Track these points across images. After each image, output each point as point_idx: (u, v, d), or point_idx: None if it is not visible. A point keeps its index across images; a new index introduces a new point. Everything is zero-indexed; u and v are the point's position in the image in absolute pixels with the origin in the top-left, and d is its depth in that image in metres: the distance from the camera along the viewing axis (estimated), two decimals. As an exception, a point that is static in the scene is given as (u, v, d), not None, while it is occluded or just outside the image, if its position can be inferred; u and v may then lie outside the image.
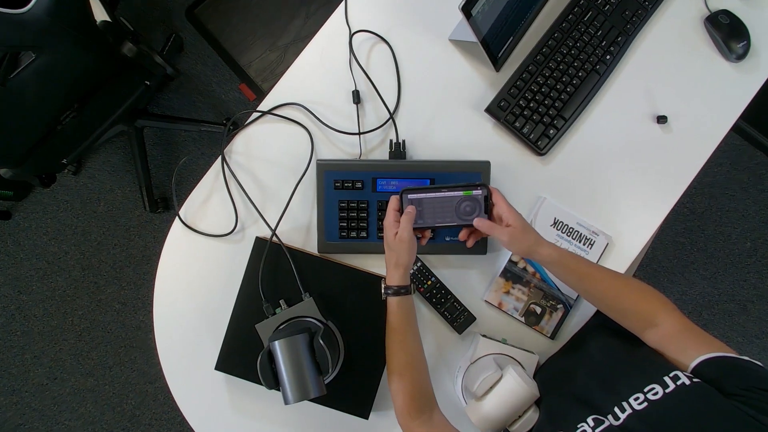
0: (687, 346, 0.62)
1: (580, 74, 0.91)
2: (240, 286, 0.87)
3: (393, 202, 0.78)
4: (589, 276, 0.73)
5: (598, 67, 0.91)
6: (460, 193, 0.78)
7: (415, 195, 0.78)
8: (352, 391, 0.86)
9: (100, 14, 1.18)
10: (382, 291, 0.77)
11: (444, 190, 0.78)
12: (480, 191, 0.78)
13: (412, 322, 0.76)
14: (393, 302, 0.75)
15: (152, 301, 0.90)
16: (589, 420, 0.61)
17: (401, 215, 0.77)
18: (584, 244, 0.90)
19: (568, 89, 0.90)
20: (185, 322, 0.90)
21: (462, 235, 0.81)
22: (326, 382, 0.81)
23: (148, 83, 1.27)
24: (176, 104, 1.72)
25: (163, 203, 1.71)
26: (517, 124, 0.90)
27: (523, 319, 0.89)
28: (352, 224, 0.88)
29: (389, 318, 0.76)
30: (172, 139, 1.73)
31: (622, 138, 0.92)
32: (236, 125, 0.93)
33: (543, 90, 0.90)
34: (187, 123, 1.65)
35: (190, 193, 0.92)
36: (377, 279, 0.87)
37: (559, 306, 0.89)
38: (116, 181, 1.72)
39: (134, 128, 1.61)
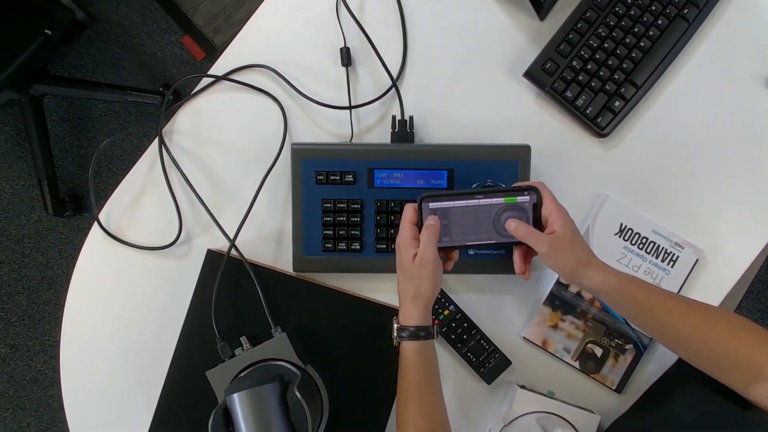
0: None
1: (659, 22, 0.96)
2: (185, 319, 0.93)
3: (408, 212, 0.82)
4: (664, 310, 0.77)
5: (686, 11, 0.96)
6: (501, 200, 0.83)
7: (439, 203, 0.83)
8: (340, 464, 0.91)
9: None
10: (394, 333, 0.81)
11: (478, 196, 0.83)
12: (527, 198, 0.83)
13: (434, 376, 0.81)
14: (410, 349, 0.79)
15: (58, 341, 0.95)
16: None
17: (420, 230, 0.81)
18: (663, 261, 0.95)
19: (642, 44, 0.95)
20: (106, 370, 0.96)
21: (517, 266, 0.84)
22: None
23: (49, 33, 1.28)
24: (90, 64, 1.76)
25: (74, 203, 1.75)
26: (568, 94, 0.95)
27: (577, 365, 0.95)
28: (341, 232, 0.93)
29: (404, 370, 0.80)
30: (86, 113, 1.77)
31: (720, 113, 0.98)
32: (178, 95, 0.99)
33: (605, 46, 0.95)
34: (108, 91, 1.69)
35: (113, 190, 0.97)
36: (377, 308, 0.94)
37: (628, 346, 0.95)
38: (2, 173, 1.74)
39: (29, 96, 1.63)
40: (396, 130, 0.95)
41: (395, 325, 0.81)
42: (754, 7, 0.98)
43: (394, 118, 0.95)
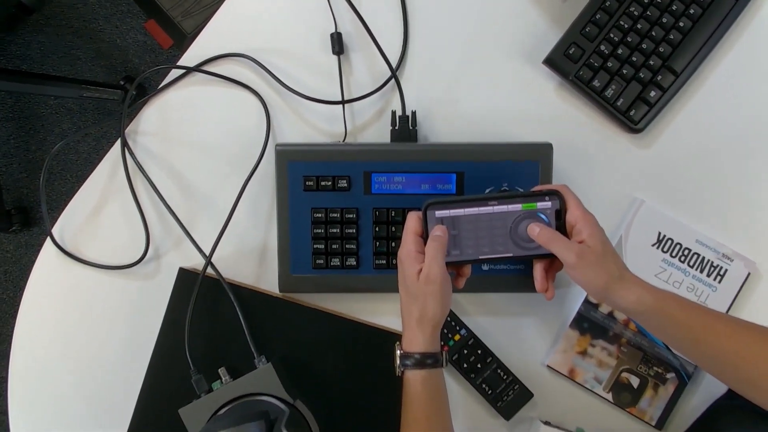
0: None
1: (699, -1, 0.96)
2: (154, 349, 0.93)
3: (412, 221, 0.83)
4: (711, 333, 0.77)
5: (732, -15, 0.96)
6: (518, 206, 0.83)
7: (447, 211, 0.83)
8: None
9: None
10: (397, 361, 0.81)
11: (492, 202, 0.83)
12: (549, 203, 0.83)
13: (444, 410, 0.81)
14: (415, 379, 0.79)
15: (5, 377, 0.95)
16: None
17: (426, 242, 0.82)
18: (709, 276, 0.96)
19: (681, 25, 0.96)
20: (62, 410, 0.96)
21: (538, 283, 0.85)
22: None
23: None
24: (39, 54, 1.76)
25: (22, 216, 1.75)
26: (595, 84, 0.96)
27: (610, 397, 0.95)
28: (334, 246, 0.94)
29: (408, 403, 0.80)
30: (34, 111, 1.77)
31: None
32: (143, 90, 0.99)
33: (638, 27, 0.96)
34: (60, 85, 1.68)
35: (68, 200, 0.98)
36: (376, 333, 0.94)
37: (669, 375, 0.95)
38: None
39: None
40: (396, 128, 0.96)
41: (398, 352, 0.81)
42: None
43: (394, 113, 0.96)
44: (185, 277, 0.94)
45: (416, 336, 0.79)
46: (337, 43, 0.97)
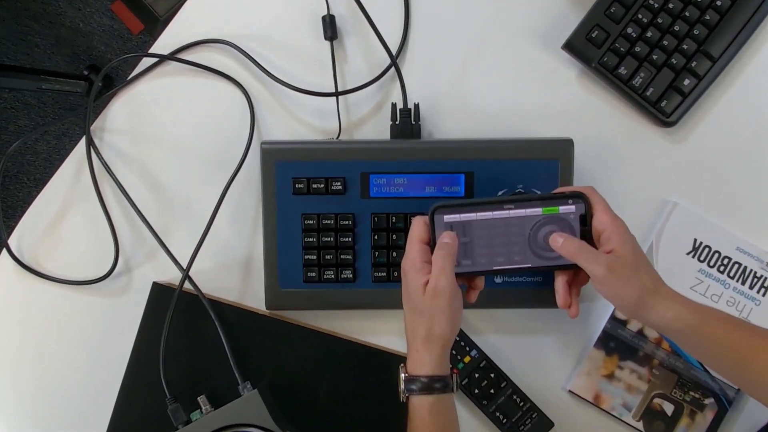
0: None
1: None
2: (124, 374, 0.93)
3: (417, 227, 0.82)
4: (758, 353, 0.76)
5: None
6: (538, 210, 0.83)
7: (457, 216, 0.83)
8: None
9: None
10: (402, 386, 0.81)
11: (507, 206, 0.83)
12: (572, 207, 0.83)
13: None
14: (422, 406, 0.79)
15: None
16: None
17: (432, 250, 0.81)
18: (752, 288, 0.96)
19: (718, 4, 0.95)
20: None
21: (560, 297, 0.84)
22: None
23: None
24: None
25: None
26: (622, 71, 0.96)
27: (641, 426, 0.95)
28: (327, 257, 0.93)
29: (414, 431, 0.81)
30: None
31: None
32: (110, 81, 0.99)
33: (670, 7, 0.96)
34: (15, 75, 1.67)
35: (26, 207, 0.97)
36: (376, 355, 0.94)
37: (707, 401, 0.95)
38: None
39: None
40: (397, 123, 0.95)
41: (402, 375, 0.81)
42: None
43: (394, 106, 0.96)
44: (160, 292, 0.94)
45: (423, 357, 0.79)
46: (330, 28, 0.97)
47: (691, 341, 0.79)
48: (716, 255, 0.96)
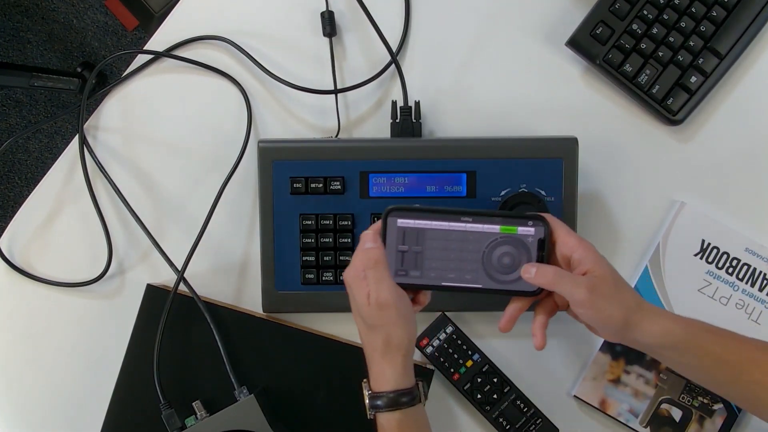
0: None
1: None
2: (118, 378, 0.92)
3: (367, 235, 0.79)
4: (753, 366, 0.74)
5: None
6: (496, 228, 0.79)
7: (412, 221, 0.80)
8: None
9: None
10: (367, 404, 0.78)
11: (465, 218, 0.79)
12: (532, 229, 0.79)
13: None
14: (390, 424, 0.76)
15: None
16: None
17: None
18: (762, 290, 0.94)
19: (724, 0, 0.95)
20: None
21: (504, 321, 0.81)
22: None
23: None
24: None
25: None
26: (627, 68, 0.95)
27: (648, 432, 0.94)
28: (326, 259, 0.92)
29: None
30: None
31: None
32: (104, 78, 0.98)
33: (675, 3, 0.95)
34: (6, 72, 1.66)
35: (17, 207, 0.96)
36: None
37: (716, 406, 0.93)
38: None
39: None
40: (397, 121, 0.94)
41: (366, 393, 0.78)
42: None
43: (394, 104, 0.95)
44: (154, 295, 0.93)
45: (384, 371, 0.76)
46: (329, 24, 0.96)
47: (681, 357, 0.76)
48: (725, 256, 0.94)
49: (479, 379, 0.93)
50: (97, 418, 0.91)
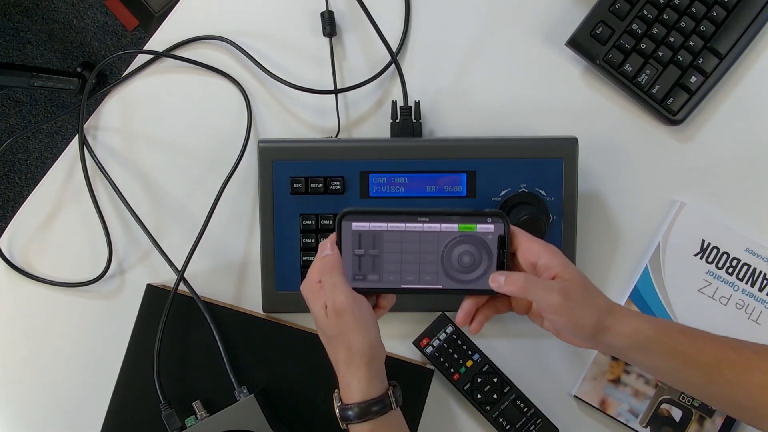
0: None
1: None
2: (117, 378, 0.92)
3: (324, 244, 0.77)
4: (726, 365, 0.73)
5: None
6: (454, 226, 0.78)
7: (367, 224, 0.78)
8: None
9: None
10: (338, 415, 0.76)
11: (422, 218, 0.78)
12: (491, 226, 0.77)
13: None
14: None
15: None
16: None
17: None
18: (762, 290, 0.94)
19: (724, 0, 0.95)
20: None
21: (461, 315, 0.79)
22: None
23: None
24: None
25: None
26: (627, 68, 0.95)
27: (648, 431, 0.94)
28: (326, 258, 0.92)
29: None
30: None
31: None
32: (104, 78, 0.98)
33: (676, 3, 0.95)
34: (6, 72, 1.66)
35: (17, 207, 0.96)
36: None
37: (716, 406, 0.94)
38: None
39: None
40: (397, 121, 0.94)
41: (336, 404, 0.76)
42: None
43: (394, 104, 0.95)
44: (154, 295, 0.92)
45: (350, 382, 0.74)
46: (329, 24, 0.96)
47: (653, 358, 0.74)
48: (725, 256, 0.94)
49: (479, 379, 0.93)
50: (97, 418, 0.91)
